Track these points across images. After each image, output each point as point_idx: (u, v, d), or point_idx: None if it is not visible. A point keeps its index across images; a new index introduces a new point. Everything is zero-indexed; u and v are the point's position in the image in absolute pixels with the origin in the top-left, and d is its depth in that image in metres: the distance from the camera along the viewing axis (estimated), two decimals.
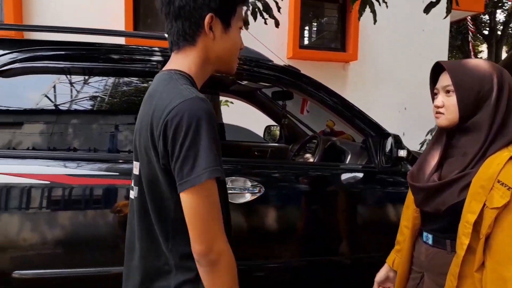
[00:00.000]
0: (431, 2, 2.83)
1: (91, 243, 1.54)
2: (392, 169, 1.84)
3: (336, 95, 1.90)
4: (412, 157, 1.94)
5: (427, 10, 2.85)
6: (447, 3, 2.89)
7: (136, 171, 0.96)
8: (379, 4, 3.42)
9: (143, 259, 0.96)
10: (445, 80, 1.18)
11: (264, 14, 2.75)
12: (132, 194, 1.00)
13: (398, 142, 1.72)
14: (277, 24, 2.85)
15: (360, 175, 1.87)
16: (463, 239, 1.10)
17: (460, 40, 11.49)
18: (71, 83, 1.77)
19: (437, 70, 1.23)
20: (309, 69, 5.99)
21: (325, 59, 6.08)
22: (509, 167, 1.05)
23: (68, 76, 1.73)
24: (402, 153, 1.70)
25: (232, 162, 1.71)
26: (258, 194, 1.62)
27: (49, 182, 1.49)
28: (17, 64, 1.50)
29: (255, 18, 2.71)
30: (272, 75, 1.83)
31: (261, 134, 3.44)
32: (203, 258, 0.85)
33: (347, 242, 1.80)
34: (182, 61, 0.95)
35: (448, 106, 1.17)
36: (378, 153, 1.82)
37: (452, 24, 10.90)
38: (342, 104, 1.89)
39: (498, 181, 1.05)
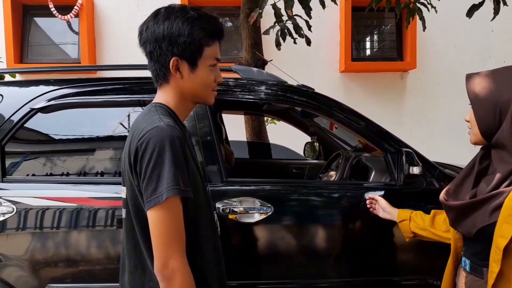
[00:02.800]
0: (474, 4, 2.63)
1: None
2: (414, 186, 1.74)
3: (351, 111, 1.86)
4: (440, 172, 1.82)
5: (469, 13, 2.66)
6: (493, 3, 2.66)
7: (123, 195, 1.08)
8: (428, 10, 3.26)
9: (131, 275, 1.06)
10: None
11: (294, 33, 2.80)
12: (122, 215, 1.11)
13: (411, 159, 1.63)
14: (308, 42, 2.87)
15: (380, 193, 1.79)
16: (494, 267, 1.00)
17: None
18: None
19: None
20: (364, 81, 5.91)
21: (380, 70, 5.87)
22: None
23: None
24: (416, 170, 1.61)
25: (239, 182, 1.77)
26: (267, 214, 1.66)
27: None
28: (52, 101, 1.75)
29: (284, 39, 2.77)
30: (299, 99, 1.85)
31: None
32: (159, 273, 0.93)
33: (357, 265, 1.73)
34: (161, 96, 1.08)
35: (472, 120, 1.10)
36: (396, 170, 1.74)
37: None
38: (357, 119, 1.85)
39: None
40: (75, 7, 5.03)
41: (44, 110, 1.77)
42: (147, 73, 1.82)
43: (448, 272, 1.22)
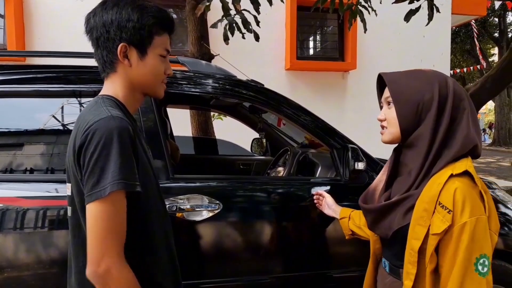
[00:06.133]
0: (411, 10, 2.80)
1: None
2: (358, 181, 1.79)
3: (299, 108, 1.88)
4: (381, 168, 1.90)
5: (407, 18, 2.81)
6: (428, 10, 2.84)
7: (68, 191, 1.02)
8: (369, 13, 3.40)
9: (80, 275, 0.99)
10: (386, 91, 1.10)
11: (242, 28, 2.76)
12: (68, 213, 1.04)
13: (356, 155, 1.68)
14: (256, 38, 2.85)
15: (326, 188, 1.83)
16: (410, 268, 1.01)
17: (469, 44, 11.29)
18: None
19: (384, 82, 1.15)
20: (308, 79, 6.06)
21: (323, 69, 6.07)
22: (449, 186, 0.96)
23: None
24: (360, 165, 1.66)
25: (186, 178, 1.71)
26: (216, 211, 1.61)
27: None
28: None
29: (232, 33, 2.73)
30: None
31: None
32: (90, 273, 0.86)
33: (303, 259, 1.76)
34: (109, 87, 1.04)
35: (389, 119, 1.09)
36: (342, 166, 1.79)
37: (460, 28, 10.73)
38: (305, 115, 1.86)
39: (439, 203, 0.96)
40: None
41: None
42: (85, 62, 1.69)
43: (369, 273, 1.24)
